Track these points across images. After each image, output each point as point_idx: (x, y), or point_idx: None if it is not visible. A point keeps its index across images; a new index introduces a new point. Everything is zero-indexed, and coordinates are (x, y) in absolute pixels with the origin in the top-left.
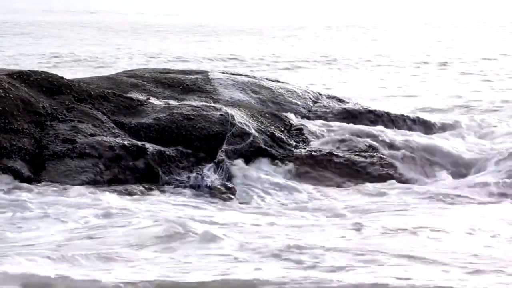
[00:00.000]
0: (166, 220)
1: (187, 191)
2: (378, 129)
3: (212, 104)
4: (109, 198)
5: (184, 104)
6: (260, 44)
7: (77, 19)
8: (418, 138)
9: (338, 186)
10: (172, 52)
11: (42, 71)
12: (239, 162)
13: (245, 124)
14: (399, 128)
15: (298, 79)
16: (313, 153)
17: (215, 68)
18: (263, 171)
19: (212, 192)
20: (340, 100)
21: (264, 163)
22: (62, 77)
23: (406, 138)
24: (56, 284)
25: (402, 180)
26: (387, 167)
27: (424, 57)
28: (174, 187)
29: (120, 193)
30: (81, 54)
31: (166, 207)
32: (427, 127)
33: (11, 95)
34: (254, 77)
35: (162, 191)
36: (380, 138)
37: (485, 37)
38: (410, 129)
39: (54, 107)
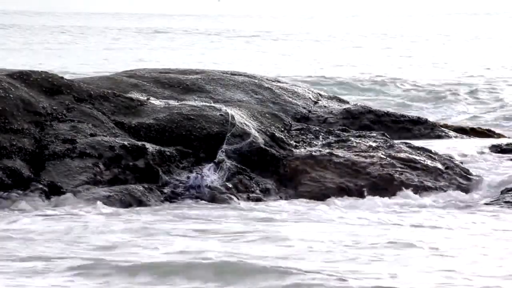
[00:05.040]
0: None
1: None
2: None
3: (212, 104)
4: None
5: (184, 104)
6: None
7: None
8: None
9: (338, 186)
10: None
11: (42, 71)
12: None
13: (245, 124)
14: (399, 128)
15: None
16: (313, 153)
17: None
18: None
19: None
20: (340, 100)
21: None
22: (62, 77)
23: None
24: None
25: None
26: (388, 167)
27: None
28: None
29: None
30: None
31: None
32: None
33: (11, 95)
34: (254, 77)
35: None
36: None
37: None
38: (409, 130)
39: (54, 107)
